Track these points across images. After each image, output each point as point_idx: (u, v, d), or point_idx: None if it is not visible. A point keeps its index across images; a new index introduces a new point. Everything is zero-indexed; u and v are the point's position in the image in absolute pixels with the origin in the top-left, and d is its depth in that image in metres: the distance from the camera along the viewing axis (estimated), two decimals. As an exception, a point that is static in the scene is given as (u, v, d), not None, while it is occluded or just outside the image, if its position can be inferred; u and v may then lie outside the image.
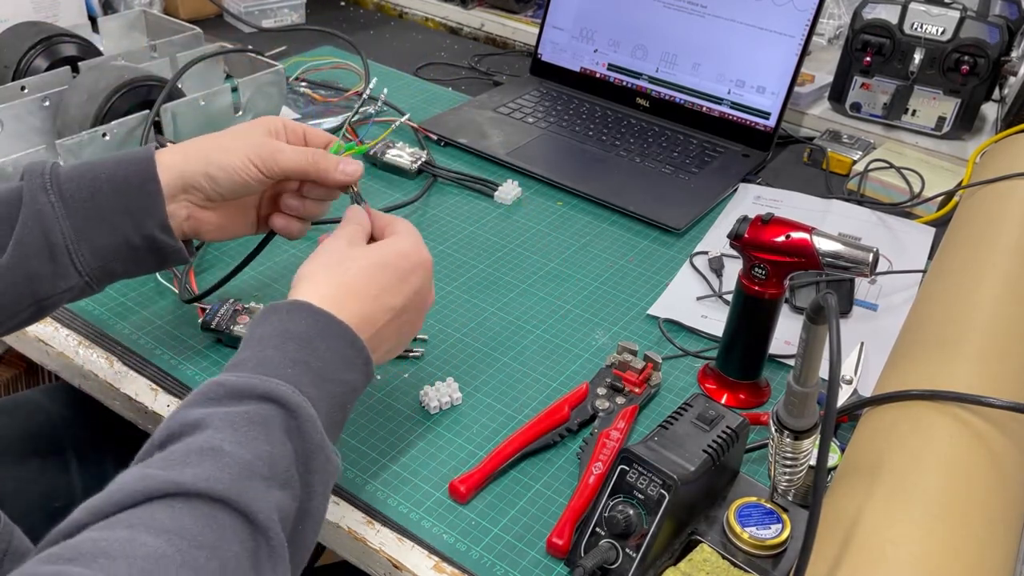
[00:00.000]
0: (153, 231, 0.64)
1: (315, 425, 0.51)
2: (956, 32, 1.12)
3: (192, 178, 0.65)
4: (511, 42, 1.47)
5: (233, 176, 0.66)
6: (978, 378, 0.62)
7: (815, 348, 0.51)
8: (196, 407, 0.49)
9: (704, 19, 1.16)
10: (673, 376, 0.78)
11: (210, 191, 0.66)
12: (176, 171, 0.65)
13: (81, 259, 0.63)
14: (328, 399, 0.54)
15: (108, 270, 0.65)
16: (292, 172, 0.68)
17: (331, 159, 0.68)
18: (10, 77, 1.01)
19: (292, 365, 0.53)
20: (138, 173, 0.64)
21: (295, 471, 0.49)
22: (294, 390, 0.51)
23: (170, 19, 1.16)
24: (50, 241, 0.62)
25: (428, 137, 1.13)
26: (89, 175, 0.63)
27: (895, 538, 0.50)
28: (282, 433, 0.49)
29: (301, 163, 0.67)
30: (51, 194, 0.62)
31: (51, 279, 0.63)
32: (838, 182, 1.11)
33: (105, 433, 0.83)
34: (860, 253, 0.65)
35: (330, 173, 0.68)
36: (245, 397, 0.50)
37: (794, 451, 0.56)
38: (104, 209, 0.63)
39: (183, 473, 0.44)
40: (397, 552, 0.61)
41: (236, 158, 0.66)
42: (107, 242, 0.64)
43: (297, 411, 0.50)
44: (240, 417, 0.48)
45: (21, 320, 0.64)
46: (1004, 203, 0.87)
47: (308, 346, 0.54)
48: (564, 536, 0.61)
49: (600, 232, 0.98)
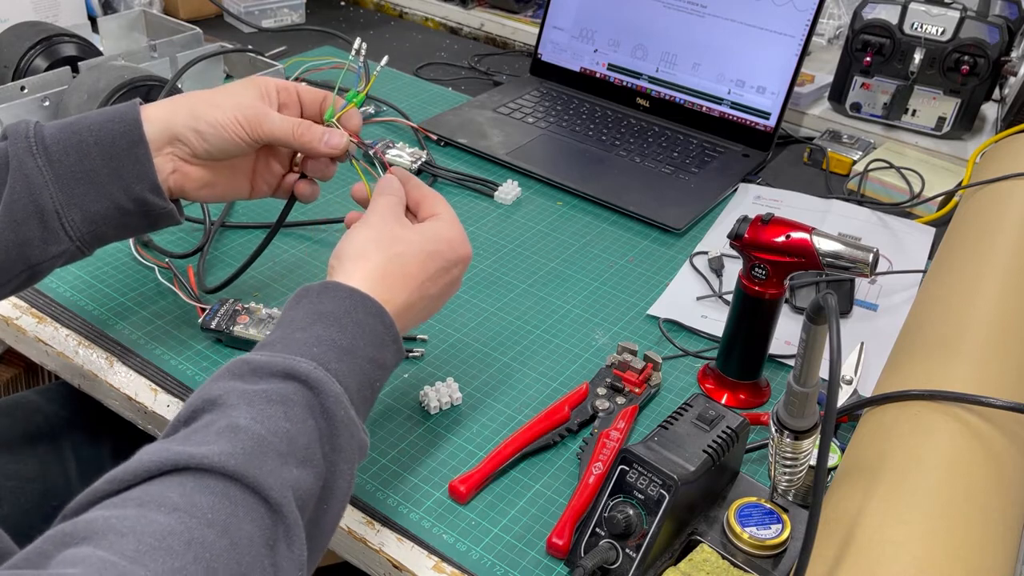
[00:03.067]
0: (144, 194, 0.64)
1: (340, 402, 0.50)
2: (956, 32, 1.12)
3: (179, 131, 0.65)
4: (511, 42, 1.47)
5: (219, 132, 0.65)
6: (978, 378, 0.62)
7: (815, 348, 0.51)
8: (219, 382, 0.50)
9: (704, 19, 1.16)
10: (673, 376, 0.78)
11: (196, 146, 0.66)
12: (162, 124, 0.65)
13: (71, 224, 0.63)
14: (358, 375, 0.53)
15: (98, 234, 0.65)
16: (277, 139, 0.67)
17: (315, 131, 0.68)
18: (10, 77, 1.01)
19: (318, 343, 0.52)
20: (125, 134, 0.63)
21: (318, 449, 0.48)
22: (317, 366, 0.50)
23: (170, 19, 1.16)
24: (40, 206, 0.61)
25: (428, 137, 1.13)
26: (75, 137, 0.63)
27: (895, 538, 0.50)
28: (303, 410, 0.49)
29: (286, 132, 0.67)
30: (38, 158, 0.61)
31: (42, 244, 0.62)
32: (838, 182, 1.11)
33: (104, 433, 0.83)
34: (860, 253, 0.65)
35: (314, 145, 0.68)
36: (267, 375, 0.50)
37: (794, 451, 0.56)
38: (93, 174, 0.63)
39: (198, 448, 0.44)
40: (397, 552, 0.61)
41: (223, 114, 0.65)
42: (97, 207, 0.63)
43: (320, 388, 0.50)
44: (259, 395, 0.48)
45: (14, 286, 0.64)
46: (1004, 203, 0.87)
47: (336, 324, 0.54)
48: (564, 536, 0.61)
49: (600, 232, 0.98)
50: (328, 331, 0.53)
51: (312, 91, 0.71)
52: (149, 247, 0.87)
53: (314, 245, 0.92)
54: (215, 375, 0.51)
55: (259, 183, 0.72)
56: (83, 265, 0.86)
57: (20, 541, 0.48)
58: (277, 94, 0.69)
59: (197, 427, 0.47)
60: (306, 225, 0.94)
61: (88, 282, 0.84)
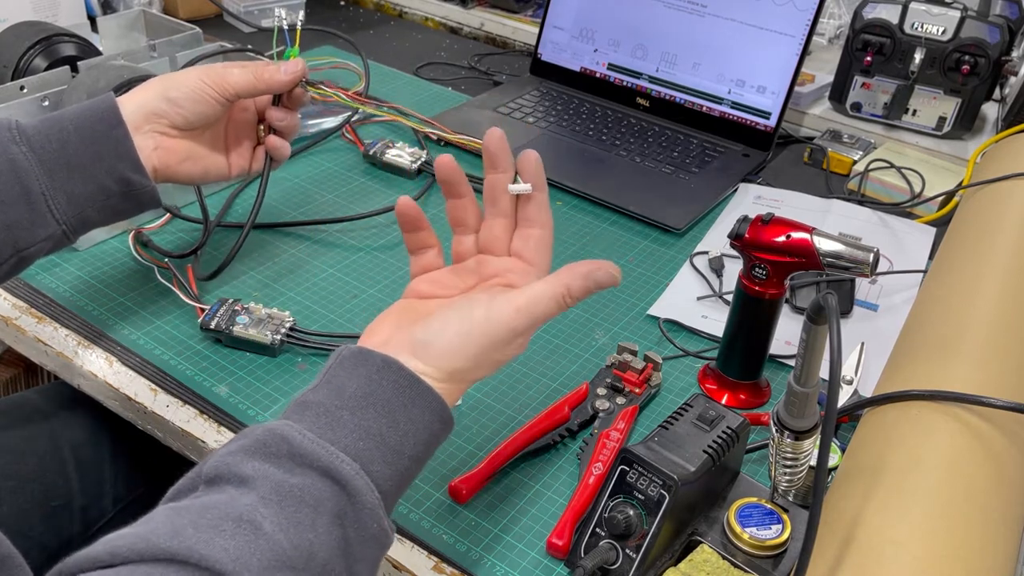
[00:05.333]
0: (127, 173, 0.67)
1: (375, 514, 0.46)
2: (956, 32, 1.12)
3: (153, 105, 0.69)
4: (511, 42, 1.47)
5: (191, 95, 0.70)
6: (978, 378, 0.62)
7: (815, 348, 0.51)
8: (252, 459, 0.45)
9: (704, 19, 1.16)
10: (673, 376, 0.78)
11: (173, 114, 0.70)
12: (136, 103, 0.69)
13: (58, 207, 0.64)
14: (400, 476, 0.49)
15: (84, 218, 0.67)
16: (242, 88, 0.73)
17: (271, 67, 0.74)
18: (9, 77, 1.01)
19: (366, 436, 0.48)
20: (103, 119, 0.66)
21: (338, 561, 0.45)
22: (359, 471, 0.46)
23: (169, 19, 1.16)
24: (26, 188, 0.63)
25: (428, 137, 1.13)
26: (56, 128, 0.65)
27: (895, 538, 0.50)
28: (331, 518, 0.45)
29: (247, 78, 0.73)
30: (21, 146, 0.63)
31: (30, 227, 0.64)
32: (838, 182, 1.11)
33: (103, 433, 0.83)
34: (860, 253, 0.65)
35: (276, 77, 0.74)
36: (305, 465, 0.45)
37: (794, 451, 0.56)
38: (76, 157, 0.65)
39: (212, 544, 0.40)
40: (397, 552, 0.61)
41: (189, 80, 0.71)
42: (82, 189, 0.65)
43: (357, 498, 0.45)
44: (292, 492, 0.44)
45: (3, 273, 0.65)
46: (1004, 203, 0.87)
47: (389, 416, 0.49)
48: (564, 536, 0.61)
49: (600, 232, 0.98)
50: (379, 423, 0.48)
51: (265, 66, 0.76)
52: (148, 247, 0.87)
53: (314, 245, 0.92)
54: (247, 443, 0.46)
55: (234, 159, 0.78)
56: (83, 265, 0.86)
57: (18, 541, 0.47)
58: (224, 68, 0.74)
59: (217, 506, 0.43)
60: (306, 225, 0.94)
61: (88, 282, 0.84)
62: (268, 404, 0.72)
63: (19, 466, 0.78)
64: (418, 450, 0.50)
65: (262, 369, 0.75)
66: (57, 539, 0.77)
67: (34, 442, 0.80)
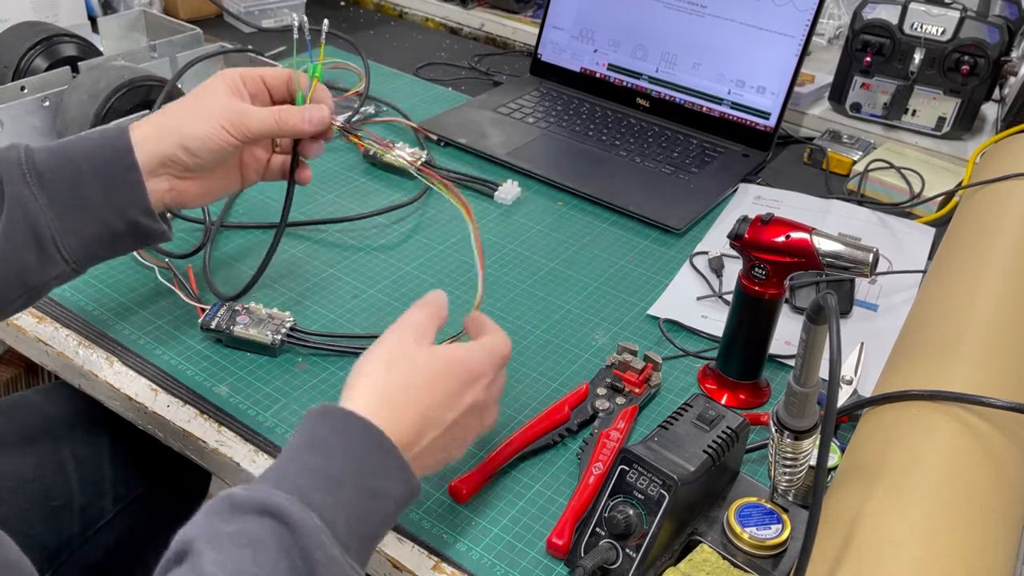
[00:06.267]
0: (137, 217, 0.66)
1: (318, 539, 0.46)
2: (956, 32, 1.12)
3: (168, 153, 0.66)
4: (511, 42, 1.47)
5: (208, 144, 0.66)
6: (978, 378, 0.62)
7: (815, 348, 0.51)
8: (198, 523, 0.47)
9: (704, 19, 1.16)
10: (673, 376, 0.78)
11: (189, 163, 0.67)
12: (150, 148, 0.66)
13: (67, 248, 0.64)
14: (346, 508, 0.49)
15: (91, 255, 0.66)
16: (263, 134, 0.69)
17: (295, 113, 0.70)
18: (10, 77, 1.01)
19: (303, 474, 0.49)
20: (117, 160, 0.65)
21: None
22: (294, 501, 0.46)
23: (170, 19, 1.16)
24: (37, 233, 0.63)
25: (428, 137, 1.13)
26: (68, 164, 0.64)
27: (895, 538, 0.50)
28: (275, 552, 0.45)
29: (269, 123, 0.69)
30: (32, 186, 0.63)
31: (39, 268, 0.64)
32: (838, 182, 1.11)
33: (102, 433, 0.83)
34: (860, 253, 0.65)
35: (299, 127, 0.70)
36: (242, 511, 0.46)
37: (794, 451, 0.56)
38: (88, 200, 0.64)
39: None
40: (397, 552, 0.61)
41: (207, 126, 0.66)
42: (92, 231, 0.65)
43: (294, 524, 0.45)
44: (228, 537, 0.45)
45: (12, 309, 0.65)
46: (1004, 203, 0.87)
47: (325, 451, 0.50)
48: (564, 536, 0.61)
49: (600, 232, 0.98)
50: (316, 459, 0.49)
51: (274, 73, 0.72)
52: (149, 247, 0.87)
53: (314, 245, 0.92)
54: (196, 514, 0.47)
55: (248, 173, 0.75)
56: (83, 265, 0.86)
57: (18, 541, 0.48)
58: (245, 85, 0.70)
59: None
60: (306, 225, 0.94)
61: (88, 282, 0.84)
62: (268, 404, 0.72)
63: (19, 466, 0.78)
64: (364, 480, 0.50)
65: (262, 369, 0.75)
66: (57, 539, 0.77)
67: (34, 442, 0.81)
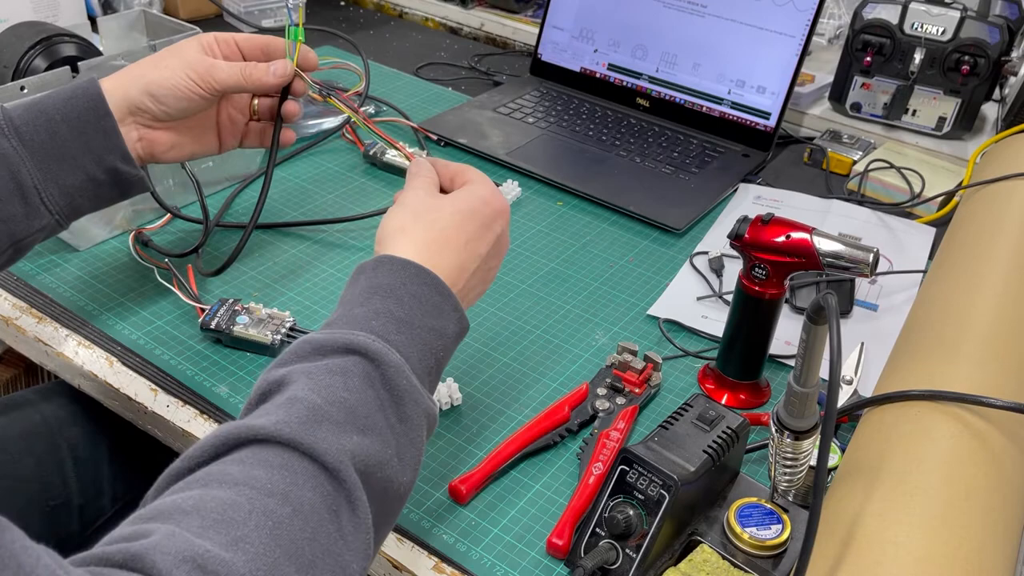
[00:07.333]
0: (115, 163, 0.68)
1: (401, 371, 0.51)
2: (956, 32, 1.12)
3: (135, 100, 0.69)
4: (511, 42, 1.47)
5: (175, 93, 0.69)
6: (978, 378, 0.62)
7: (815, 348, 0.51)
8: (283, 365, 0.51)
9: (704, 19, 1.16)
10: (673, 376, 0.78)
11: (156, 111, 0.70)
12: (119, 95, 0.68)
13: (50, 198, 0.66)
14: (419, 346, 0.54)
15: (75, 206, 0.68)
16: (228, 86, 0.72)
17: (260, 67, 0.73)
18: (9, 77, 1.01)
19: (376, 316, 0.53)
20: (91, 109, 0.67)
21: (381, 418, 0.49)
22: (375, 339, 0.51)
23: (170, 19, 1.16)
24: (19, 183, 0.65)
25: (428, 137, 1.13)
26: (43, 117, 0.66)
27: (895, 538, 0.50)
28: (362, 381, 0.50)
29: (235, 76, 0.72)
30: (11, 139, 0.65)
31: (24, 220, 0.66)
32: (838, 182, 1.11)
33: (101, 433, 0.83)
34: (860, 253, 0.65)
35: (263, 79, 0.73)
36: (328, 351, 0.51)
37: (794, 451, 0.56)
38: (65, 149, 0.66)
39: (256, 420, 0.46)
40: (397, 552, 0.61)
41: (173, 74, 0.69)
42: (72, 180, 0.67)
43: (379, 359, 0.50)
44: (319, 369, 0.49)
45: (1, 263, 0.67)
46: (1004, 203, 0.87)
47: (393, 295, 0.54)
48: (564, 536, 0.61)
49: (600, 232, 0.98)
50: (385, 303, 0.54)
51: (250, 38, 0.76)
52: (148, 247, 0.87)
53: (314, 245, 0.92)
54: (280, 358, 0.52)
55: (225, 136, 0.78)
56: (83, 265, 0.86)
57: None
58: (218, 46, 0.73)
59: (263, 407, 0.49)
60: (306, 225, 0.94)
61: (88, 282, 0.84)
62: (268, 404, 0.72)
63: (18, 466, 0.78)
64: (428, 320, 0.55)
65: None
66: (55, 538, 0.77)
67: (33, 442, 0.81)
